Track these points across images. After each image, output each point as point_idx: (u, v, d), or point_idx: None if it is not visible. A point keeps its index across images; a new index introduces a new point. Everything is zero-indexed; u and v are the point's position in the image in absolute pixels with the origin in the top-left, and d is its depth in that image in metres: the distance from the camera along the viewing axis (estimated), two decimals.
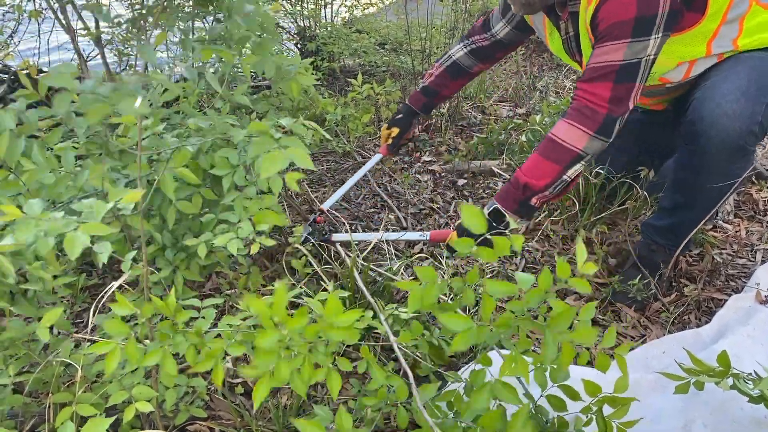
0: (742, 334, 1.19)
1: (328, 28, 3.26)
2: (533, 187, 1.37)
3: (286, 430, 1.19)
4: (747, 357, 1.12)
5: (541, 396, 0.85)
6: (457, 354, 1.36)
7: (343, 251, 1.61)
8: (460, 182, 2.28)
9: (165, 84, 1.00)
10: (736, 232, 1.92)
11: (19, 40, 2.81)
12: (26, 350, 0.98)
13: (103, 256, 0.73)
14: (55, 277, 0.90)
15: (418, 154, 2.51)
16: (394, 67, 3.13)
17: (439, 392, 0.92)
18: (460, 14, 3.28)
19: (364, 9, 3.71)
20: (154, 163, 1.15)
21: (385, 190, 2.24)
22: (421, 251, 1.84)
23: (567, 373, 0.81)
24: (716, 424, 0.99)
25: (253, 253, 1.12)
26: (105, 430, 0.77)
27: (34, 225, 0.66)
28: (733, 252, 1.82)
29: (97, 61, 2.33)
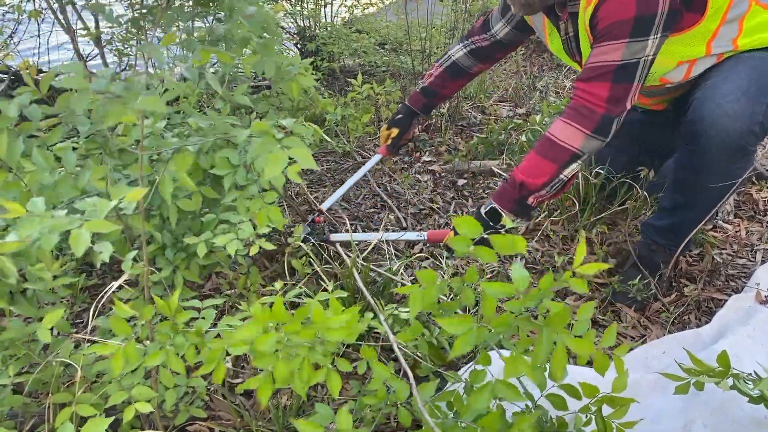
0: (742, 334, 1.19)
1: (328, 28, 3.25)
2: (530, 186, 1.37)
3: (286, 430, 1.19)
4: (747, 357, 1.12)
5: (541, 396, 0.85)
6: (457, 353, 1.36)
7: (343, 251, 1.61)
8: (460, 182, 2.28)
9: (169, 84, 1.00)
10: (736, 232, 1.92)
11: (19, 40, 2.81)
12: (26, 350, 0.98)
13: (104, 255, 0.72)
14: (55, 277, 0.90)
15: (418, 154, 2.51)
16: (394, 67, 3.13)
17: (439, 392, 0.92)
18: (460, 14, 3.28)
19: (364, 9, 3.71)
20: (155, 163, 1.15)
21: (385, 190, 2.23)
22: (421, 251, 1.84)
23: (566, 372, 0.81)
24: (716, 425, 0.99)
25: (253, 254, 1.12)
26: (104, 430, 0.76)
27: (38, 222, 0.65)
28: (733, 252, 1.82)
29: (97, 61, 2.33)
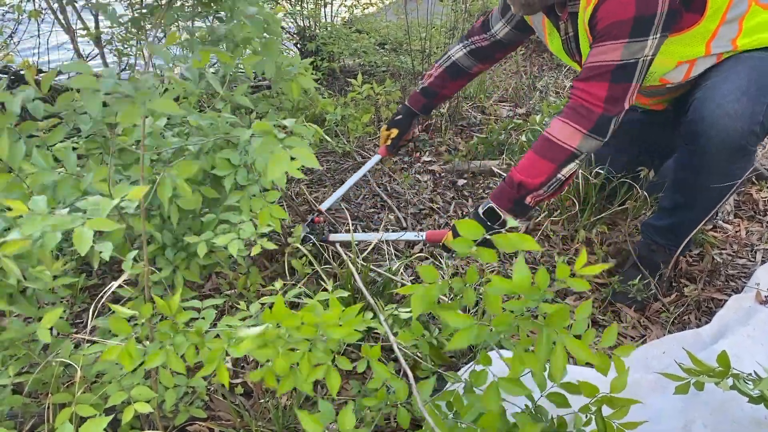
0: (742, 334, 1.19)
1: (328, 28, 3.25)
2: (528, 186, 1.37)
3: (286, 430, 1.19)
4: (747, 357, 1.12)
5: (542, 396, 0.85)
6: (457, 354, 1.36)
7: (343, 251, 1.61)
8: (460, 182, 2.28)
9: (175, 82, 0.99)
10: (736, 232, 1.92)
11: (19, 40, 2.81)
12: (26, 350, 0.98)
13: (105, 255, 0.72)
14: (55, 277, 0.90)
15: (418, 154, 2.51)
16: (394, 67, 3.13)
17: (439, 392, 0.92)
18: (460, 14, 3.28)
19: (364, 9, 3.71)
20: (155, 163, 1.15)
21: (385, 190, 2.23)
22: (421, 251, 1.84)
23: (563, 373, 0.81)
24: (716, 425, 0.99)
25: (255, 254, 1.12)
26: (104, 430, 0.76)
27: (41, 220, 0.65)
28: (733, 252, 1.82)
29: (97, 61, 2.33)
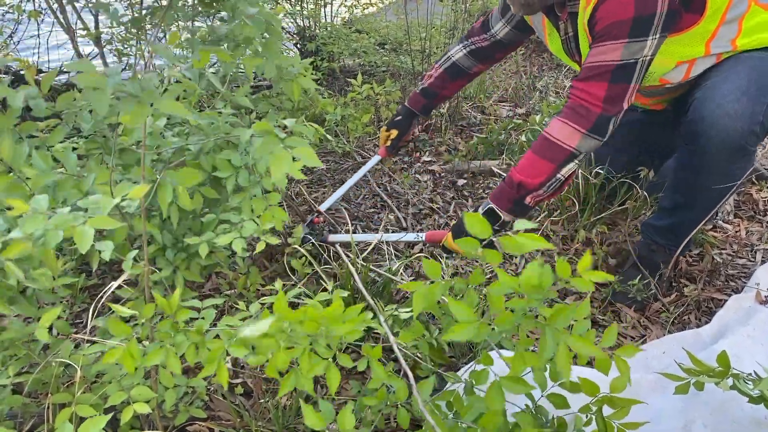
0: (742, 334, 1.19)
1: (328, 28, 3.25)
2: (527, 186, 1.37)
3: (286, 430, 1.19)
4: (747, 357, 1.12)
5: (542, 396, 0.85)
6: (457, 354, 1.36)
7: (343, 252, 1.61)
8: (460, 182, 2.28)
9: (182, 80, 0.99)
10: (736, 232, 1.92)
11: (19, 40, 2.81)
12: (26, 350, 0.98)
13: (106, 254, 0.72)
14: (55, 278, 0.90)
15: (418, 154, 2.51)
16: (394, 67, 3.13)
17: (439, 392, 0.92)
18: (460, 14, 3.28)
19: (364, 9, 3.71)
20: (155, 163, 1.15)
21: (385, 190, 2.23)
22: (421, 251, 1.84)
23: (570, 369, 0.81)
24: (716, 425, 0.99)
25: (255, 253, 1.12)
26: (103, 430, 0.76)
27: (42, 219, 0.66)
28: (733, 252, 1.82)
29: (97, 61, 2.33)
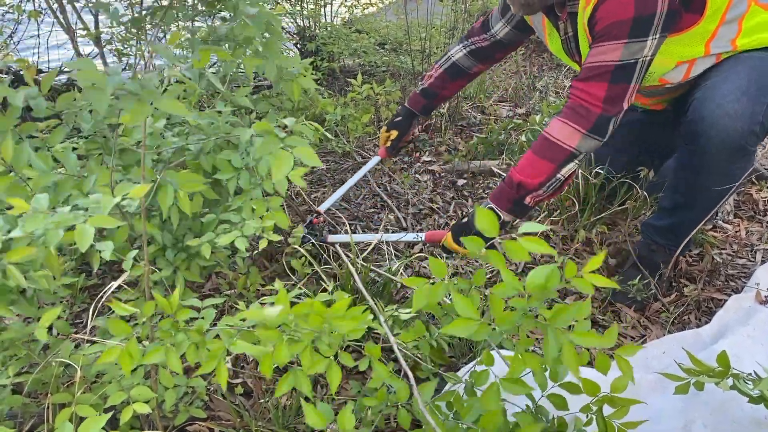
0: (742, 334, 1.19)
1: (328, 28, 3.25)
2: (527, 186, 1.37)
3: (286, 431, 1.19)
4: (747, 357, 1.12)
5: (542, 396, 0.85)
6: (457, 354, 1.36)
7: (343, 252, 1.61)
8: (460, 182, 2.28)
9: (182, 80, 0.99)
10: (736, 232, 1.92)
11: (19, 40, 2.81)
12: (26, 350, 0.98)
13: (106, 254, 0.72)
14: (56, 278, 0.90)
15: (418, 154, 2.51)
16: (394, 67, 3.13)
17: (439, 392, 0.92)
18: (460, 14, 3.28)
19: (364, 9, 3.71)
20: (156, 164, 1.15)
21: (385, 190, 2.23)
22: (421, 251, 1.84)
23: (566, 370, 0.81)
24: (716, 425, 0.99)
25: (255, 253, 1.12)
26: (103, 430, 0.76)
27: (43, 218, 0.66)
28: (733, 252, 1.82)
29: (97, 61, 2.33)
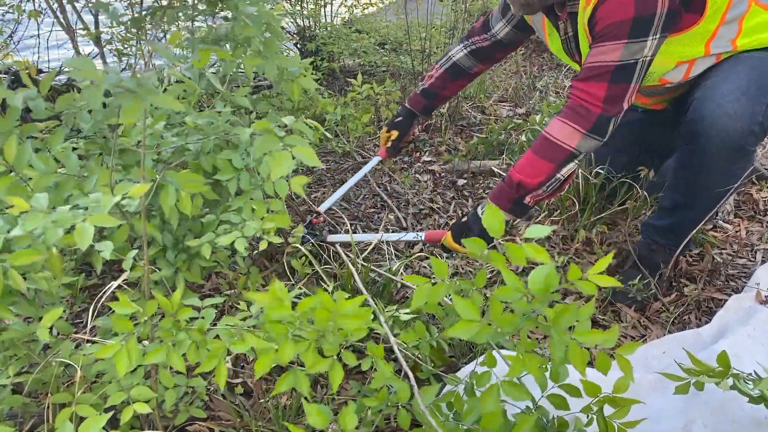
0: (742, 334, 1.19)
1: (328, 28, 3.25)
2: (527, 186, 1.37)
3: (286, 431, 1.19)
4: (747, 357, 1.12)
5: (542, 397, 0.85)
6: (457, 354, 1.36)
7: (343, 252, 1.61)
8: (460, 182, 2.28)
9: (181, 79, 0.99)
10: (736, 232, 1.92)
11: (19, 40, 2.81)
12: (26, 351, 0.98)
13: (106, 253, 0.72)
14: (56, 278, 0.90)
15: (418, 154, 2.51)
16: (394, 67, 3.13)
17: (439, 394, 0.92)
18: (460, 14, 3.28)
19: (364, 9, 3.71)
20: (155, 164, 1.15)
21: (385, 190, 2.23)
22: (421, 251, 1.84)
23: (567, 372, 0.81)
24: (716, 425, 0.99)
25: (256, 253, 1.12)
26: (103, 429, 0.76)
27: (43, 216, 0.66)
28: (733, 252, 1.82)
29: (97, 61, 2.33)
